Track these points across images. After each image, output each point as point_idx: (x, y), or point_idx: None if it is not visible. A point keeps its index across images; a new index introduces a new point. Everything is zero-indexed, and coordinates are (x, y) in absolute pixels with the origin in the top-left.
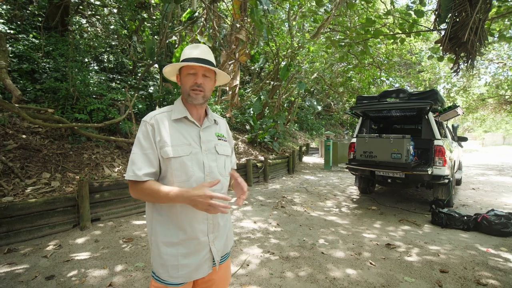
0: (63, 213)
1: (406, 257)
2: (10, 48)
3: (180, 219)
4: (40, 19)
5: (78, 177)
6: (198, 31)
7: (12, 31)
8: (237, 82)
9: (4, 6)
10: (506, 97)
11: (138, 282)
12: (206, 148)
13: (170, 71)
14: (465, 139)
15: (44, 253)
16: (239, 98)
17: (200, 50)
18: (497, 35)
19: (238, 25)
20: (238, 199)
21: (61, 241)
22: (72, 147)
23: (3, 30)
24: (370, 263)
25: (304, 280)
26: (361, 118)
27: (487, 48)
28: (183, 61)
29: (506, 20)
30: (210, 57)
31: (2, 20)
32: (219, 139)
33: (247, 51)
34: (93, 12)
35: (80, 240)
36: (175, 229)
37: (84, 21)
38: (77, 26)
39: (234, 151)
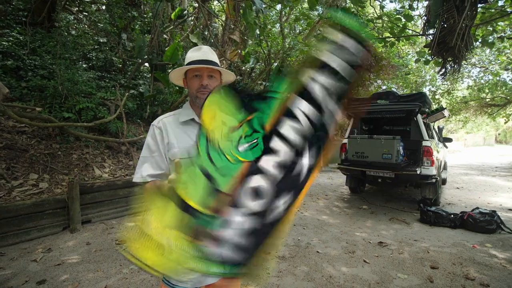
0: (52, 215)
1: (398, 254)
2: None
3: None
4: (25, 13)
5: (67, 178)
6: (189, 30)
7: None
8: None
9: None
10: (487, 100)
11: (134, 285)
12: None
13: (176, 75)
14: (450, 140)
15: (33, 256)
16: None
17: (202, 51)
18: (480, 41)
19: (232, 26)
20: None
21: (50, 244)
22: (60, 147)
23: None
24: (364, 261)
25: (301, 279)
26: (352, 119)
27: (471, 53)
28: (187, 64)
29: (489, 26)
30: (213, 57)
31: None
32: None
33: (240, 52)
34: (81, 9)
35: (70, 243)
36: None
37: (72, 17)
38: (64, 23)
39: None
